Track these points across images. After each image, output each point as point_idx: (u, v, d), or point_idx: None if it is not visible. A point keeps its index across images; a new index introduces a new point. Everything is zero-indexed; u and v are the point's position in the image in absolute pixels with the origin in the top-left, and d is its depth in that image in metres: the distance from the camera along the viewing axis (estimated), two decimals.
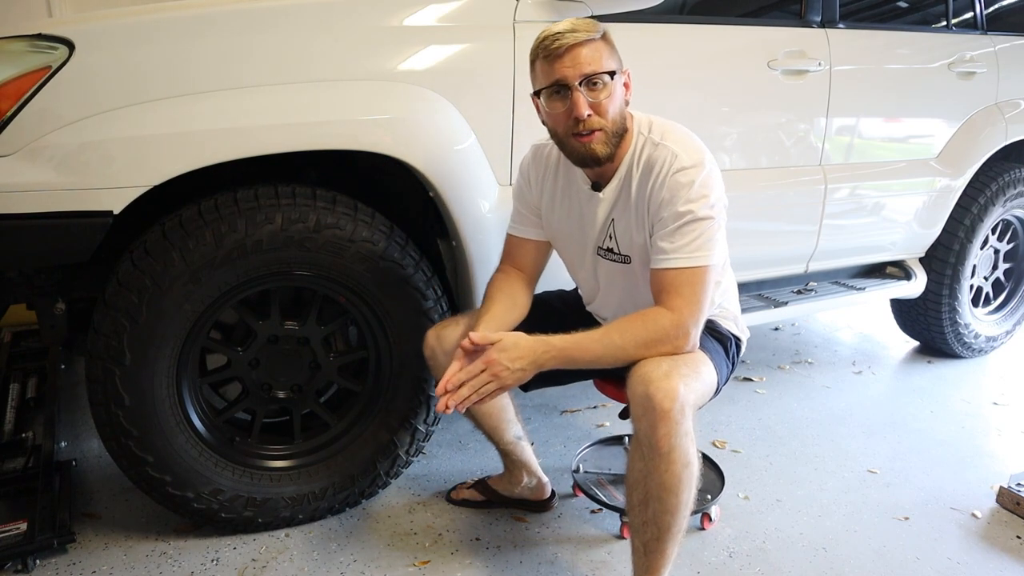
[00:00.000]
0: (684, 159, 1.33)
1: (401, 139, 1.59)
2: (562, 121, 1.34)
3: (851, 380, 2.77)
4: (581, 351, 1.29)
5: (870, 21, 2.38)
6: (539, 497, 1.85)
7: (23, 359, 2.60)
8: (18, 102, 1.36)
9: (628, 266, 1.47)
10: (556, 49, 1.29)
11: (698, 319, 1.33)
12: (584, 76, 1.30)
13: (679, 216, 1.32)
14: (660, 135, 1.38)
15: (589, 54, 1.30)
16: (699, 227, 1.31)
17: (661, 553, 1.35)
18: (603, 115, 1.32)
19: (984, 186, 2.71)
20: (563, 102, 1.32)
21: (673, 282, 1.32)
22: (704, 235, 1.32)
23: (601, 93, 1.31)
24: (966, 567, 1.68)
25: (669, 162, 1.34)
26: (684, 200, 1.31)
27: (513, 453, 1.77)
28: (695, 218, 1.31)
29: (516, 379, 1.28)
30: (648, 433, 1.25)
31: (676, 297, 1.31)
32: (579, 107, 1.30)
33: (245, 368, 1.69)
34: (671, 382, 1.23)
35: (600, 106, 1.32)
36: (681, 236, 1.32)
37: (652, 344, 1.30)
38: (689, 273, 1.32)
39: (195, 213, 1.50)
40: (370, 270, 1.62)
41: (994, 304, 3.10)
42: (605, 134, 1.34)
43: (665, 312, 1.31)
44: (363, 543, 1.71)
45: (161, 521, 1.76)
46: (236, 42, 1.50)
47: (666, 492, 1.28)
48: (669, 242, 1.33)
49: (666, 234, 1.33)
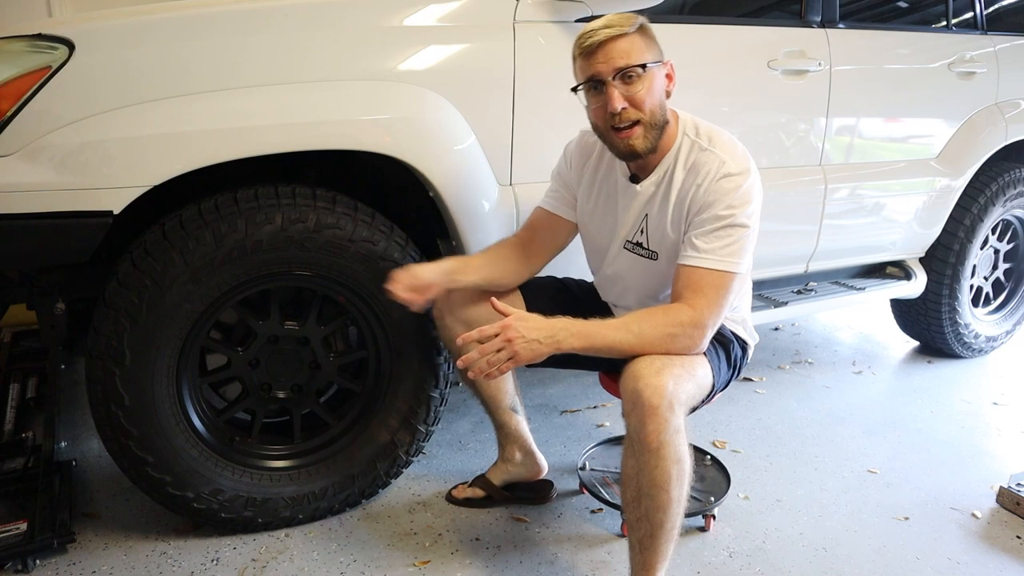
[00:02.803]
0: (732, 166, 1.36)
1: (401, 139, 1.59)
2: (601, 116, 1.37)
3: (851, 380, 2.77)
4: (599, 336, 1.31)
5: (870, 21, 2.38)
6: (534, 476, 1.86)
7: (23, 359, 2.60)
8: (18, 102, 1.36)
9: (654, 263, 1.49)
10: (590, 46, 1.33)
11: (716, 322, 1.35)
12: (617, 70, 1.32)
13: (719, 219, 1.34)
14: (708, 140, 1.41)
15: (623, 48, 1.32)
16: (736, 233, 1.34)
17: (655, 550, 1.35)
18: (639, 107, 1.35)
19: (984, 186, 2.71)
20: (599, 97, 1.36)
21: (700, 281, 1.34)
22: (739, 242, 1.34)
23: (636, 86, 1.34)
24: (966, 567, 1.68)
25: (716, 167, 1.36)
26: (726, 205, 1.34)
27: (507, 425, 1.79)
28: (734, 223, 1.33)
29: (531, 352, 1.27)
30: (637, 429, 1.26)
31: (700, 297, 1.33)
32: (613, 101, 1.33)
33: (245, 368, 1.69)
34: (661, 379, 1.25)
35: (635, 98, 1.34)
36: (717, 239, 1.34)
37: (669, 338, 1.31)
38: (717, 276, 1.33)
39: (195, 213, 1.50)
40: (370, 270, 1.62)
41: (994, 304, 3.10)
42: (643, 127, 1.36)
43: (687, 309, 1.33)
44: (363, 543, 1.71)
45: (161, 521, 1.76)
46: (236, 42, 1.50)
47: (656, 488, 1.29)
48: (704, 242, 1.35)
49: (702, 233, 1.35)
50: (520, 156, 1.76)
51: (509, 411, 1.76)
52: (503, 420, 1.78)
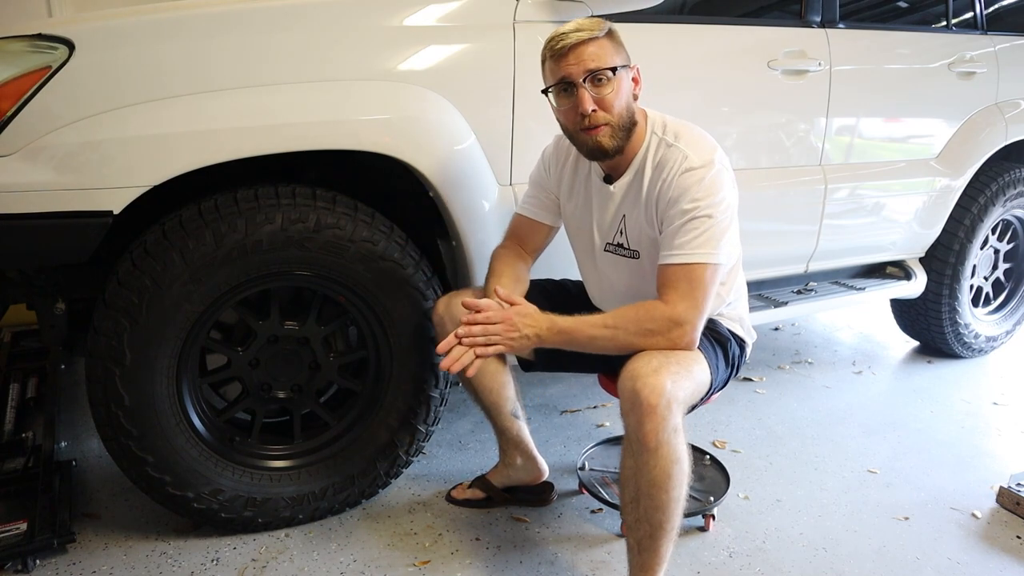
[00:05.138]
0: (694, 159, 1.37)
1: (401, 139, 1.59)
2: (571, 117, 1.39)
3: (851, 380, 2.77)
4: (578, 333, 1.36)
5: (870, 21, 2.38)
6: (535, 480, 1.86)
7: (23, 359, 2.60)
8: (18, 102, 1.36)
9: (636, 261, 1.50)
10: (561, 48, 1.35)
11: (695, 315, 1.34)
12: (588, 72, 1.34)
13: (684, 213, 1.35)
14: (674, 136, 1.42)
15: (593, 51, 1.34)
16: (702, 225, 1.34)
17: (654, 551, 1.35)
18: (608, 109, 1.37)
19: (984, 186, 2.71)
20: (570, 99, 1.38)
21: (672, 277, 1.35)
22: (707, 233, 1.34)
23: (605, 88, 1.36)
24: (966, 567, 1.68)
25: (679, 162, 1.38)
26: (691, 198, 1.35)
27: (509, 431, 1.78)
28: (698, 215, 1.34)
29: (520, 345, 1.37)
30: (636, 428, 1.27)
31: (672, 292, 1.35)
32: (583, 103, 1.35)
33: (245, 368, 1.69)
34: (659, 378, 1.25)
35: (605, 101, 1.36)
36: (684, 233, 1.35)
37: (645, 333, 1.33)
38: (687, 269, 1.34)
39: (195, 213, 1.50)
40: (370, 270, 1.62)
41: (994, 304, 3.10)
42: (611, 128, 1.38)
43: (660, 305, 1.35)
44: (363, 543, 1.71)
45: (161, 521, 1.76)
46: (236, 42, 1.50)
47: (655, 488, 1.29)
48: (674, 238, 1.36)
49: (672, 231, 1.37)
50: (520, 156, 1.76)
51: (511, 417, 1.76)
52: (505, 426, 1.77)
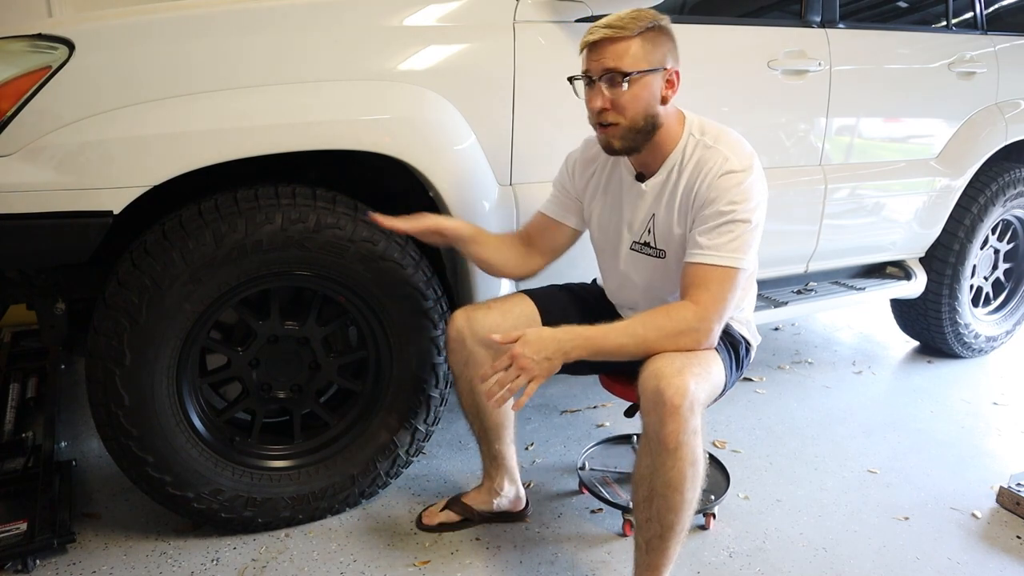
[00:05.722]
0: (735, 162, 1.36)
1: (402, 139, 1.59)
2: (589, 109, 1.40)
3: (851, 380, 2.77)
4: (607, 341, 1.32)
5: (870, 21, 2.38)
6: (516, 508, 1.80)
7: (23, 359, 2.60)
8: (18, 102, 1.36)
9: (662, 260, 1.49)
10: (587, 42, 1.36)
11: (721, 317, 1.35)
12: (605, 71, 1.34)
13: (721, 214, 1.34)
14: (713, 139, 1.41)
15: (616, 51, 1.33)
16: (738, 229, 1.34)
17: (663, 552, 1.35)
18: (621, 111, 1.36)
19: (984, 186, 2.71)
20: (591, 91, 1.38)
21: (704, 277, 1.34)
22: (741, 238, 1.34)
23: (618, 90, 1.35)
24: (966, 567, 1.68)
25: (720, 164, 1.37)
26: (728, 201, 1.34)
27: (501, 457, 1.73)
28: (736, 219, 1.34)
29: (545, 369, 1.31)
30: (657, 428, 1.26)
31: (704, 292, 1.34)
32: (593, 100, 1.37)
33: (245, 368, 1.69)
34: (683, 378, 1.24)
35: (618, 102, 1.35)
36: (720, 235, 1.34)
37: (674, 336, 1.32)
38: (721, 272, 1.34)
39: (195, 213, 1.50)
40: (370, 270, 1.62)
41: (994, 304, 3.10)
42: (620, 129, 1.37)
43: (690, 306, 1.34)
44: (363, 543, 1.71)
45: (161, 521, 1.76)
46: (236, 42, 1.50)
47: (671, 489, 1.29)
48: (707, 238, 1.35)
49: (705, 230, 1.36)
50: (520, 156, 1.76)
51: (509, 443, 1.73)
52: (502, 452, 1.73)
